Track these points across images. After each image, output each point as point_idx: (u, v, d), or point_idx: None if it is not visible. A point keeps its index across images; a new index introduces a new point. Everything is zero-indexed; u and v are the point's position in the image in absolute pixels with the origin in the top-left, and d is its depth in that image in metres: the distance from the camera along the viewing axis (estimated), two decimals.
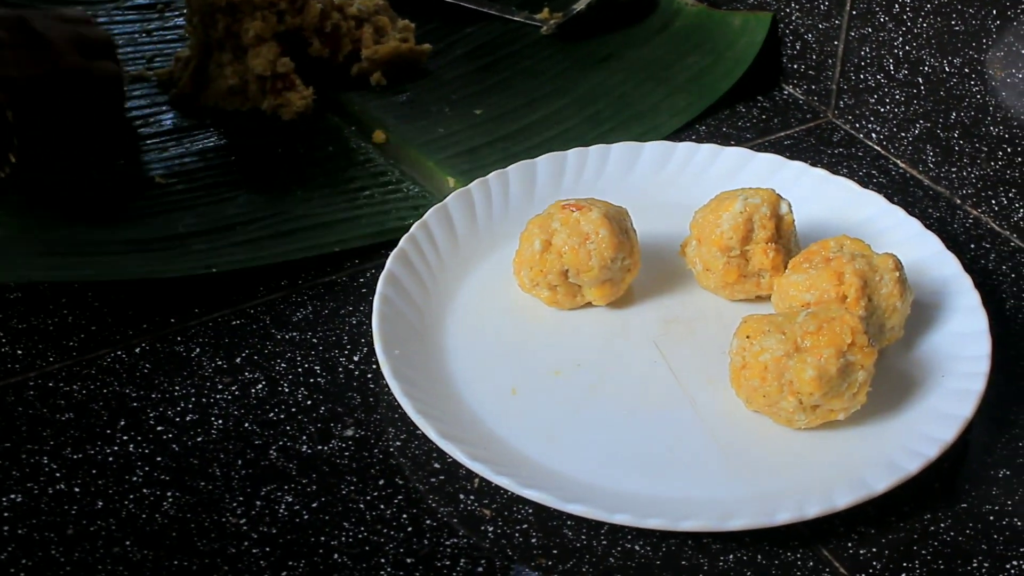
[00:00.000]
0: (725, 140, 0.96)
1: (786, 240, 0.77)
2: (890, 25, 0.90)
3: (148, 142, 0.96)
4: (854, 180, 0.86)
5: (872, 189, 0.85)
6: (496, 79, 1.04)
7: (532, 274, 0.75)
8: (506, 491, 0.66)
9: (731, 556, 0.63)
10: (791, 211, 0.76)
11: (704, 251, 0.76)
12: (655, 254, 0.81)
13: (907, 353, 0.74)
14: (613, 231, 0.74)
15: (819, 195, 0.85)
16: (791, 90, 1.02)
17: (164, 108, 1.01)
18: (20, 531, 0.64)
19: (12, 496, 0.66)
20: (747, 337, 0.68)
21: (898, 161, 0.93)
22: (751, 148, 0.89)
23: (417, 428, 0.68)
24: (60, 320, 0.78)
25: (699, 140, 0.95)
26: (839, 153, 0.94)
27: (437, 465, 0.68)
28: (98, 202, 0.88)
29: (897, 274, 0.71)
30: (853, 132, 0.96)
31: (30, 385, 0.74)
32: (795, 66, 1.01)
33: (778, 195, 0.76)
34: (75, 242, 0.83)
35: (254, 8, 0.97)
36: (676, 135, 0.96)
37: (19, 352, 0.76)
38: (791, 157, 0.88)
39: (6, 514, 0.65)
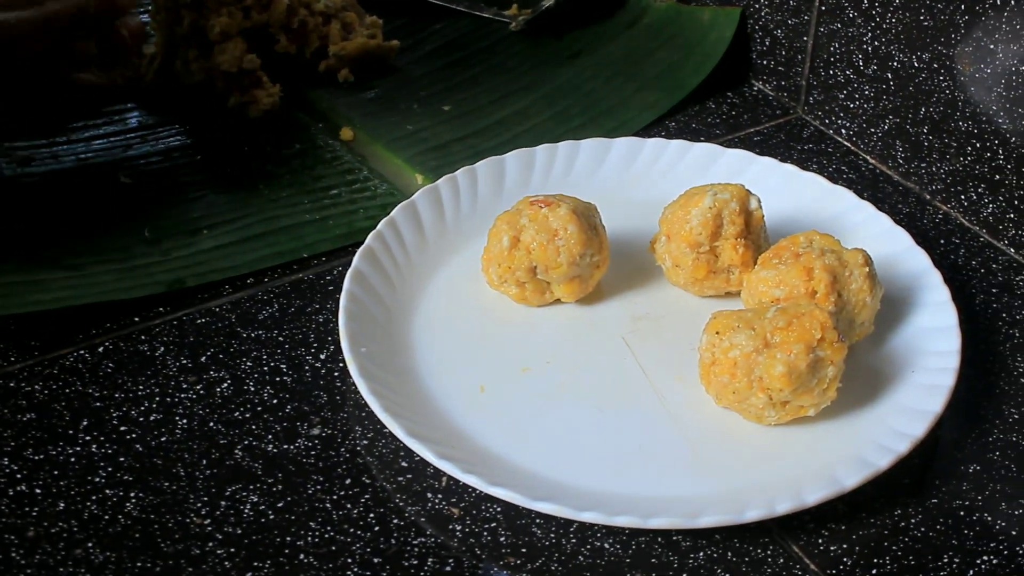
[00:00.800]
0: (695, 136, 0.95)
1: (756, 236, 0.76)
2: (859, 21, 0.90)
3: (112, 139, 0.94)
4: (824, 176, 0.85)
5: (842, 185, 0.85)
6: (465, 75, 1.03)
7: (500, 271, 0.75)
8: (474, 490, 0.65)
9: (701, 554, 0.63)
10: (760, 207, 0.76)
11: (673, 247, 0.76)
12: (624, 250, 0.80)
13: (877, 349, 0.73)
14: (582, 227, 0.74)
15: (789, 191, 0.84)
16: (760, 86, 1.02)
17: (129, 105, 1.00)
18: None
19: None
20: (716, 333, 0.67)
21: (867, 157, 0.93)
22: (721, 144, 0.89)
23: (384, 426, 0.67)
24: (21, 318, 0.77)
25: (668, 136, 0.95)
26: (809, 149, 0.94)
27: (404, 464, 0.67)
28: (63, 201, 0.87)
29: (867, 269, 0.71)
30: (823, 128, 0.96)
31: None
32: (764, 62, 1.01)
33: (747, 191, 0.76)
34: (37, 253, 0.81)
35: (220, 4, 0.96)
36: (645, 131, 0.96)
37: None
38: (761, 153, 0.88)
39: None
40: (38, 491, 0.66)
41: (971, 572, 0.62)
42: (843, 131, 0.94)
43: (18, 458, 0.68)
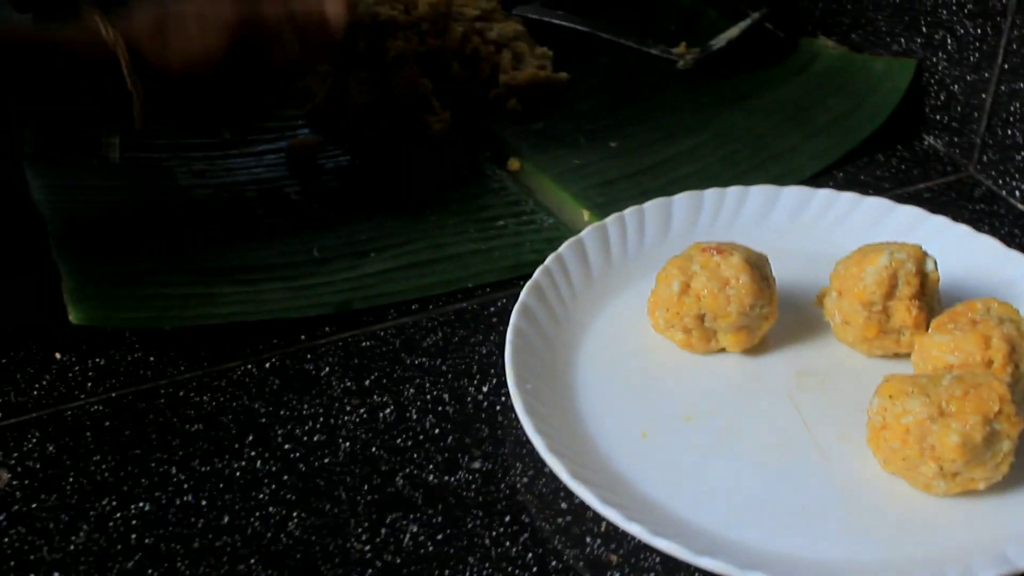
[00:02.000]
0: (863, 188, 0.94)
1: (929, 298, 0.75)
2: None
3: (283, 155, 0.96)
4: (996, 238, 0.83)
5: (1015, 249, 0.83)
6: (632, 111, 1.03)
7: (668, 315, 0.74)
8: (633, 537, 0.65)
9: None
10: (936, 268, 0.75)
11: (845, 304, 0.75)
12: (790, 302, 0.79)
13: None
14: (753, 277, 0.73)
15: (961, 252, 0.83)
16: (932, 141, 1.00)
17: (300, 122, 1.01)
18: (147, 540, 0.65)
19: (140, 504, 0.67)
20: (889, 397, 0.66)
21: None
22: (890, 199, 0.87)
23: (545, 465, 0.67)
24: (192, 329, 0.79)
25: (837, 187, 0.93)
26: (980, 209, 0.92)
27: (564, 505, 0.67)
28: (237, 218, 0.89)
29: None
30: (995, 189, 0.94)
31: (161, 393, 0.74)
32: (938, 116, 0.99)
33: (924, 251, 0.74)
34: (212, 267, 0.83)
35: (397, 28, 0.97)
36: (813, 180, 0.95)
37: (151, 359, 0.77)
38: (931, 211, 0.86)
39: (134, 522, 0.66)
40: (204, 503, 0.67)
41: None
42: (1017, 193, 0.92)
43: (185, 468, 0.69)
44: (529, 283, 0.78)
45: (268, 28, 0.81)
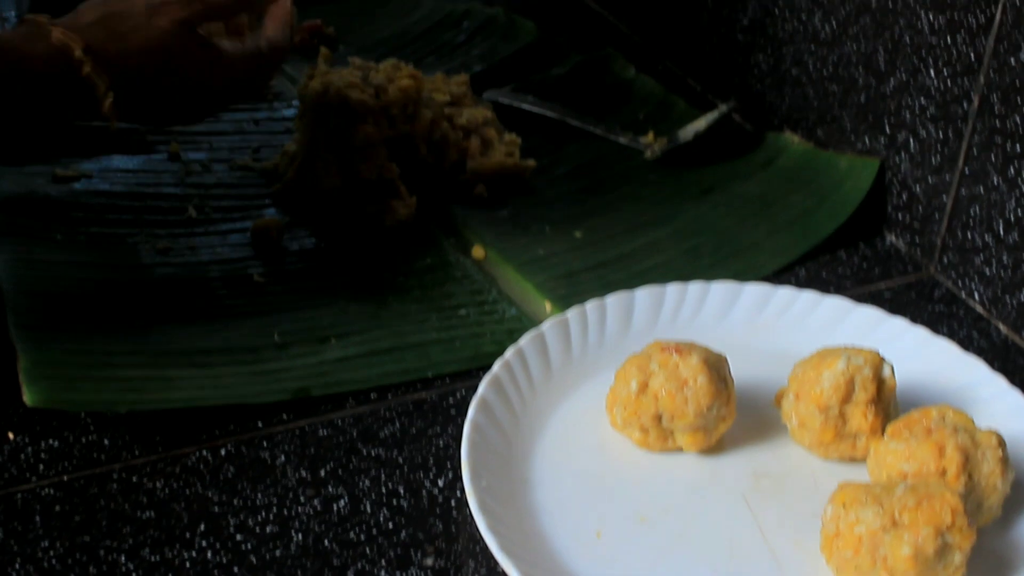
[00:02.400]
0: (824, 285, 0.95)
1: (886, 404, 0.75)
2: (1003, 187, 0.89)
3: (247, 235, 0.96)
4: (955, 341, 0.84)
5: (973, 352, 0.84)
6: (597, 201, 1.04)
7: (625, 414, 0.75)
8: None
9: None
10: (893, 375, 0.75)
11: (801, 407, 0.75)
12: (748, 401, 0.79)
13: (1004, 534, 0.72)
14: (711, 379, 0.73)
15: (918, 355, 0.83)
16: (893, 239, 1.01)
17: (266, 201, 1.02)
18: None
19: None
20: (843, 505, 0.66)
21: (1000, 325, 0.91)
22: (850, 297, 0.88)
23: (498, 565, 0.67)
24: (148, 412, 0.78)
25: (798, 283, 0.94)
26: (939, 311, 0.93)
27: None
28: (198, 298, 0.89)
29: (1000, 452, 0.69)
30: (955, 290, 0.95)
31: (113, 478, 0.74)
32: (900, 216, 1.00)
33: (881, 357, 0.75)
34: (171, 348, 0.83)
35: (367, 112, 0.98)
36: (776, 275, 0.95)
37: (105, 442, 0.76)
38: (891, 310, 0.87)
39: None
40: None
41: None
42: (976, 295, 0.93)
43: (135, 556, 0.68)
44: (488, 376, 0.77)
45: (211, 8, 0.85)
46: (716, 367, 0.75)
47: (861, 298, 0.91)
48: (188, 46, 0.83)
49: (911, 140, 0.97)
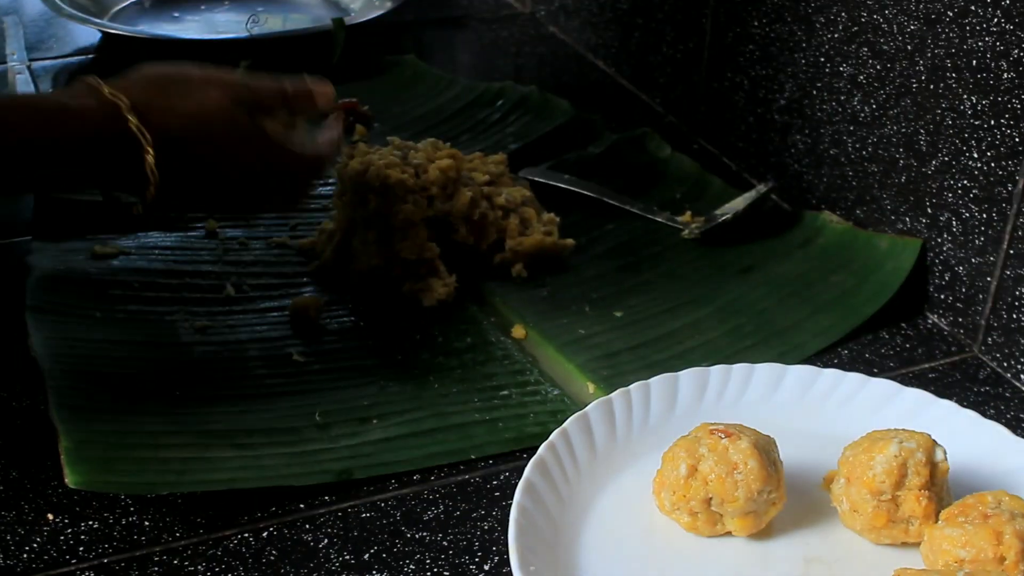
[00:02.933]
0: (867, 367, 0.94)
1: (939, 488, 0.74)
2: None
3: (286, 313, 0.96)
4: (1002, 422, 0.83)
5: (1021, 435, 0.82)
6: (636, 280, 1.03)
7: (674, 498, 0.73)
8: None
9: None
10: (946, 458, 0.74)
11: (853, 491, 0.74)
12: (796, 485, 0.78)
13: None
14: (762, 463, 0.72)
15: (968, 438, 0.82)
16: (935, 319, 1.00)
17: (304, 280, 1.01)
18: None
19: None
20: None
21: None
22: (894, 378, 0.87)
23: None
24: (189, 495, 0.77)
25: (841, 364, 0.93)
26: (985, 392, 0.92)
27: None
28: (238, 377, 0.88)
29: None
30: (1000, 371, 0.94)
31: (155, 560, 0.73)
32: (942, 296, 0.99)
33: (934, 441, 0.74)
34: (212, 429, 0.82)
35: (407, 191, 0.98)
36: (818, 356, 0.94)
37: (146, 524, 0.76)
38: (935, 391, 0.86)
39: None
40: None
41: None
42: (1023, 376, 0.92)
43: None
44: (534, 459, 0.76)
45: (261, 97, 0.85)
46: (766, 450, 0.74)
47: (906, 379, 0.90)
48: (235, 123, 0.83)
49: (954, 221, 0.96)
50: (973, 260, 0.95)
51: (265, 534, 0.75)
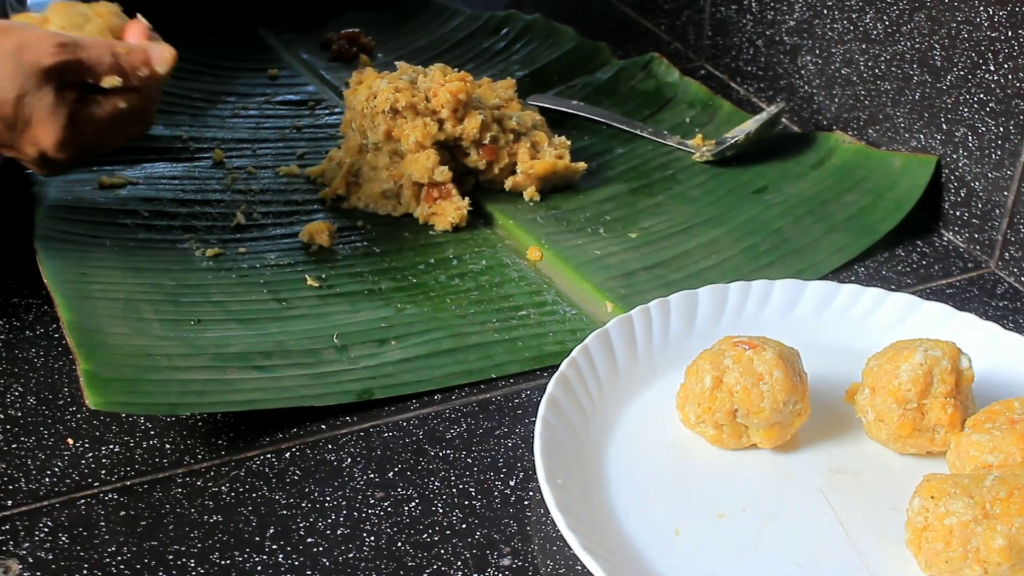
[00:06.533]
0: (885, 284, 0.93)
1: (964, 396, 0.74)
2: None
3: (297, 240, 0.95)
4: (1022, 335, 0.82)
5: None
6: (649, 203, 1.03)
7: (699, 411, 0.73)
8: None
9: None
10: (971, 366, 0.74)
11: (878, 401, 0.73)
12: (819, 398, 0.78)
13: None
14: (787, 373, 0.72)
15: (989, 349, 0.81)
16: (951, 236, 0.99)
17: (315, 206, 1.00)
18: None
19: None
20: (931, 497, 0.64)
21: None
22: (914, 294, 0.87)
23: (577, 563, 0.66)
24: (208, 417, 0.77)
25: (858, 281, 0.93)
26: (1003, 306, 0.91)
27: None
28: (253, 302, 0.87)
29: None
30: (1019, 286, 0.93)
31: (178, 482, 0.73)
32: (958, 213, 0.98)
33: (959, 349, 0.73)
34: (230, 352, 0.82)
35: (417, 114, 0.96)
36: (834, 274, 0.94)
37: (167, 447, 0.75)
38: (954, 307, 0.85)
39: None
40: None
41: None
42: None
43: (205, 561, 0.67)
44: (556, 375, 0.76)
45: (84, 64, 0.79)
46: (791, 361, 0.73)
47: (923, 295, 0.90)
48: (39, 103, 0.79)
49: (969, 136, 0.95)
50: (990, 175, 0.94)
51: (288, 454, 0.75)
